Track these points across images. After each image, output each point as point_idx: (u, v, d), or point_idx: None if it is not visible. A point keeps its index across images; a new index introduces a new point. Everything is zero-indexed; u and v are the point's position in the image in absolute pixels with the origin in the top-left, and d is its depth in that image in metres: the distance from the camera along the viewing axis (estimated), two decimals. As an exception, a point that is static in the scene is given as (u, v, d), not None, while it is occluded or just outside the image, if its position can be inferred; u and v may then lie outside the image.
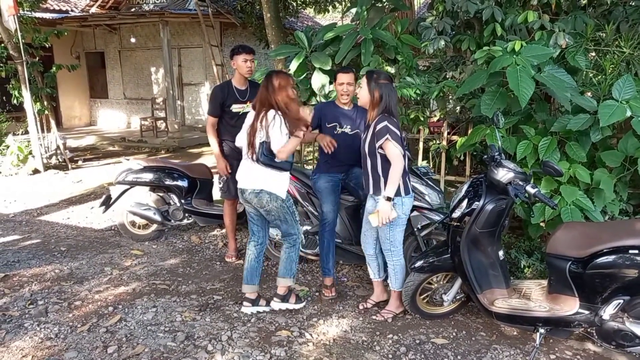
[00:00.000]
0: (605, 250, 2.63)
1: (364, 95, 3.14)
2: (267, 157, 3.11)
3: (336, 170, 3.69)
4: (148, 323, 3.24)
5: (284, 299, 3.42)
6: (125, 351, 2.92)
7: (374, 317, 3.39)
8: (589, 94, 3.65)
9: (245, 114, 4.10)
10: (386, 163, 3.05)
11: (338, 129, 3.58)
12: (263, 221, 3.42)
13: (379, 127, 3.03)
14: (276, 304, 3.42)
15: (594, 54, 3.95)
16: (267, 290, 3.79)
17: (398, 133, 3.03)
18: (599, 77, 3.68)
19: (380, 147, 3.03)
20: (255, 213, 3.37)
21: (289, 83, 3.18)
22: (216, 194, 5.25)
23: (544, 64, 3.46)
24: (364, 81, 3.15)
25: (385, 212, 2.97)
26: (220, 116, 4.13)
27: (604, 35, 3.79)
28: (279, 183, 3.21)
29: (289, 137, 3.14)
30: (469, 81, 3.72)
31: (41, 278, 3.95)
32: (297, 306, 3.45)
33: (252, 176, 3.22)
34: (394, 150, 2.98)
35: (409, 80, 4.19)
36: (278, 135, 3.09)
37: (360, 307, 3.51)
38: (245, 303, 3.45)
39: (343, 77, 3.49)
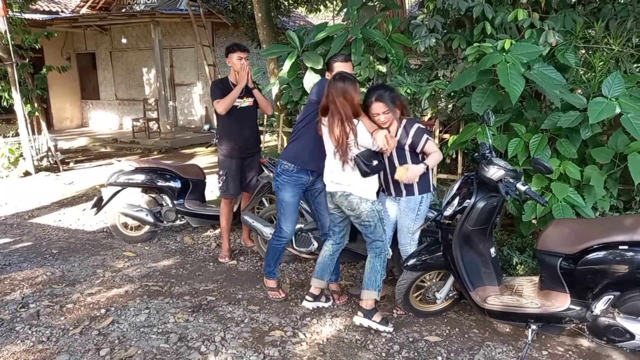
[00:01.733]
0: (595, 247, 2.64)
1: (389, 118, 3.07)
2: (369, 166, 3.01)
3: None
4: (141, 325, 3.23)
5: (368, 314, 3.18)
6: (118, 353, 2.91)
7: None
8: (579, 91, 3.67)
9: (242, 109, 4.13)
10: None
11: None
12: (346, 224, 3.36)
13: (413, 131, 3.11)
14: (358, 319, 3.20)
15: (583, 51, 3.97)
16: (259, 290, 3.78)
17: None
18: (589, 74, 3.70)
19: (422, 148, 3.13)
20: (340, 216, 3.30)
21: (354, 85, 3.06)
22: (209, 194, 5.24)
23: (534, 61, 3.47)
24: (380, 107, 3.03)
25: (417, 172, 3.08)
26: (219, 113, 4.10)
27: (593, 32, 3.81)
28: (368, 184, 3.11)
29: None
30: (458, 78, 3.73)
31: (33, 281, 3.92)
32: (382, 328, 3.15)
33: (341, 179, 3.12)
34: (434, 145, 3.19)
35: (400, 79, 4.20)
36: (368, 139, 3.04)
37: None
38: (307, 297, 3.46)
39: (340, 67, 3.36)
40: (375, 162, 3.04)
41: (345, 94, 2.99)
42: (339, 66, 3.37)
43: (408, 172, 3.06)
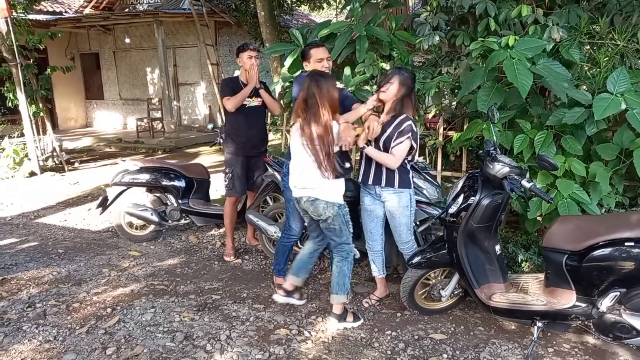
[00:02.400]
0: (601, 243, 2.63)
1: (393, 91, 3.09)
2: (343, 168, 2.99)
3: None
4: (147, 324, 3.24)
5: (341, 317, 3.21)
6: (124, 352, 2.92)
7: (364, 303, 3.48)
8: (584, 87, 3.65)
9: (251, 108, 4.12)
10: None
11: None
12: (320, 228, 3.33)
13: (405, 125, 3.07)
14: (333, 325, 3.21)
15: (588, 47, 3.95)
16: (264, 289, 3.79)
17: (417, 133, 3.14)
18: (593, 70, 3.68)
19: (397, 142, 3.07)
20: (312, 221, 3.28)
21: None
22: (213, 193, 5.25)
23: (538, 57, 3.46)
24: (396, 79, 3.08)
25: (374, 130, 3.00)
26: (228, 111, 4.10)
27: (598, 28, 3.79)
28: (337, 188, 3.07)
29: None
30: (468, 81, 3.71)
31: (39, 281, 3.95)
32: (357, 324, 3.24)
33: (307, 183, 3.08)
34: (403, 150, 3.08)
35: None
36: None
37: (365, 304, 3.52)
38: (279, 292, 3.45)
39: (321, 53, 3.35)
40: (347, 165, 3.03)
41: (328, 87, 2.92)
42: (315, 51, 3.34)
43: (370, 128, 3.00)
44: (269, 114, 5.34)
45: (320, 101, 2.90)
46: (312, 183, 3.04)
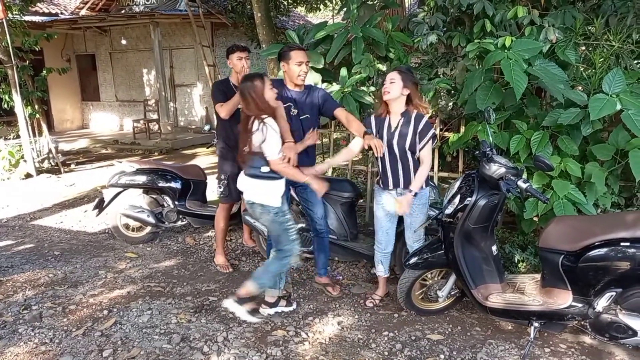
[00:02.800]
0: (597, 243, 2.64)
1: (396, 89, 3.09)
2: (256, 169, 3.02)
3: None
4: (143, 326, 3.24)
5: (272, 305, 3.35)
6: (121, 354, 2.91)
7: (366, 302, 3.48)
8: (580, 88, 3.67)
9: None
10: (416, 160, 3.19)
11: (293, 110, 3.42)
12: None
13: (422, 125, 3.10)
14: (265, 310, 3.34)
15: (583, 48, 3.96)
16: (261, 291, 3.78)
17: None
18: (589, 71, 3.69)
19: (422, 145, 3.11)
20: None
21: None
22: (210, 195, 5.24)
23: (534, 58, 3.47)
24: (397, 76, 3.09)
25: (409, 204, 3.10)
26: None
27: (593, 29, 3.80)
28: (267, 191, 3.04)
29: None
30: (467, 84, 3.71)
31: (35, 283, 3.93)
32: (288, 309, 3.36)
33: (241, 184, 3.11)
34: (430, 150, 3.16)
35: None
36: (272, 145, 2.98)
37: (369, 304, 3.52)
38: (263, 305, 3.40)
39: (301, 56, 3.34)
40: (265, 169, 3.00)
41: (254, 89, 2.93)
42: (296, 54, 3.33)
43: (404, 204, 3.10)
44: None
45: (245, 104, 2.98)
46: (244, 184, 3.10)
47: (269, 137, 2.92)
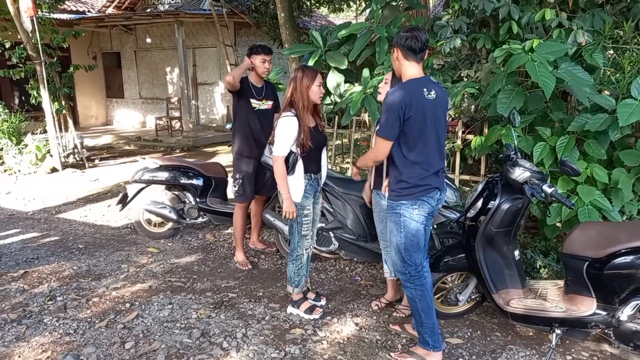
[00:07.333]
0: (623, 251, 2.59)
1: (388, 89, 3.09)
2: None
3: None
4: (164, 320, 3.29)
5: (294, 304, 3.39)
6: (142, 347, 2.96)
7: (395, 314, 3.39)
8: (607, 92, 3.60)
9: (262, 111, 4.12)
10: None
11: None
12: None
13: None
14: (288, 309, 3.42)
15: (612, 52, 3.89)
16: (280, 288, 3.80)
17: None
18: (617, 75, 3.63)
19: None
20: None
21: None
22: (230, 192, 5.29)
23: (560, 61, 3.42)
24: (389, 75, 3.12)
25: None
26: (239, 112, 4.09)
27: (622, 32, 3.73)
28: (290, 185, 3.15)
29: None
30: (490, 87, 3.67)
31: (60, 275, 4.02)
32: (307, 316, 3.34)
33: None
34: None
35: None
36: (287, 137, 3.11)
37: (374, 306, 3.51)
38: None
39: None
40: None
41: (303, 79, 3.11)
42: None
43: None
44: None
45: (292, 88, 3.14)
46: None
47: (278, 132, 3.08)
